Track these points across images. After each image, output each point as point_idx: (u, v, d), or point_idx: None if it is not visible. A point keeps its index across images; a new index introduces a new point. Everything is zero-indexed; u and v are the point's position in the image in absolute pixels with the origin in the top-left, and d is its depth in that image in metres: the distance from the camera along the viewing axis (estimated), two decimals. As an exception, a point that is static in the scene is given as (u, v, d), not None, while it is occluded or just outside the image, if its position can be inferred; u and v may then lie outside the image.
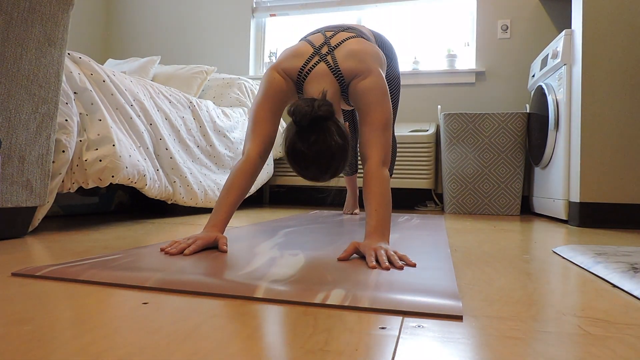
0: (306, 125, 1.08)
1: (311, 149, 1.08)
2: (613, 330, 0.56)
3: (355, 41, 1.31)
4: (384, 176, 1.13)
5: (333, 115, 1.11)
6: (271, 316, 0.58)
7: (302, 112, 1.07)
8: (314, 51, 1.30)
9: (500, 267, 0.96)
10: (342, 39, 1.32)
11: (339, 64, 1.26)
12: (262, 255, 0.99)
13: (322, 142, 1.08)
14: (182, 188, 1.94)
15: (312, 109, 1.07)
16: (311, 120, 1.07)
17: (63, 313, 0.58)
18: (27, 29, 1.20)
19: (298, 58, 1.29)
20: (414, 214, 2.44)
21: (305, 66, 1.28)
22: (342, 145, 1.12)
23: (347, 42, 1.31)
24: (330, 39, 1.33)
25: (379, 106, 1.20)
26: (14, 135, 1.18)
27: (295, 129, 1.11)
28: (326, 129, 1.10)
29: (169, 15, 3.67)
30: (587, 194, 1.96)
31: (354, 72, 1.25)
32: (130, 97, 1.72)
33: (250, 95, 2.93)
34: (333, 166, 1.12)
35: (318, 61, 1.28)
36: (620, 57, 1.95)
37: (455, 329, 0.55)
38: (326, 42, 1.31)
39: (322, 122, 1.09)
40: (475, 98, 3.03)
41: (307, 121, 1.07)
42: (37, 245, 1.13)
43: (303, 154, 1.09)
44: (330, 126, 1.10)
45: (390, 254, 0.92)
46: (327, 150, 1.09)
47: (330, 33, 1.36)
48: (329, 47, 1.30)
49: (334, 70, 1.26)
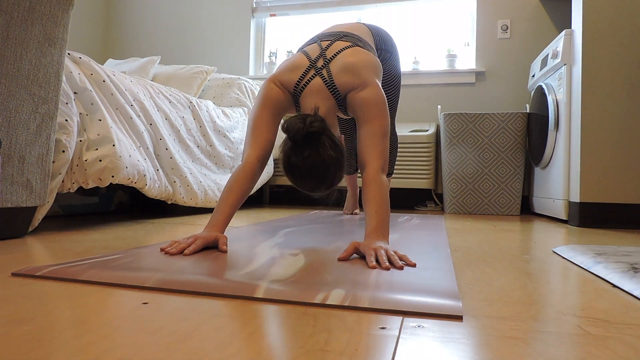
0: (300, 140, 1.11)
1: (305, 162, 1.12)
2: (613, 330, 0.56)
3: (350, 52, 1.32)
4: (383, 182, 1.15)
5: (325, 130, 1.14)
6: (271, 316, 0.58)
7: (295, 129, 1.10)
8: (310, 64, 1.31)
9: (500, 267, 0.96)
10: (338, 50, 1.33)
11: (334, 79, 1.28)
12: (262, 255, 0.99)
13: (316, 156, 1.12)
14: (182, 188, 1.94)
15: (305, 125, 1.11)
16: (304, 136, 1.11)
17: (63, 313, 0.58)
18: (27, 29, 1.20)
19: (294, 72, 1.31)
20: (414, 214, 2.44)
21: (301, 80, 1.30)
22: (336, 158, 1.15)
23: (342, 53, 1.32)
24: (326, 51, 1.34)
25: (377, 117, 1.23)
26: (14, 135, 1.18)
27: (290, 144, 1.14)
28: (319, 143, 1.13)
29: (169, 15, 3.67)
30: (587, 194, 1.96)
31: (350, 85, 1.28)
32: (130, 97, 1.72)
33: (250, 95, 2.93)
34: (328, 179, 1.15)
35: (314, 75, 1.29)
36: (620, 57, 1.95)
37: (455, 329, 0.55)
38: (322, 55, 1.33)
39: (315, 137, 1.12)
40: (475, 98, 3.03)
41: (301, 137, 1.11)
42: (37, 245, 1.13)
43: (298, 168, 1.13)
44: (323, 140, 1.13)
45: (390, 254, 0.92)
46: (321, 163, 1.12)
47: (326, 43, 1.37)
48: (325, 59, 1.31)
49: (329, 85, 1.28)
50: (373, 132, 1.21)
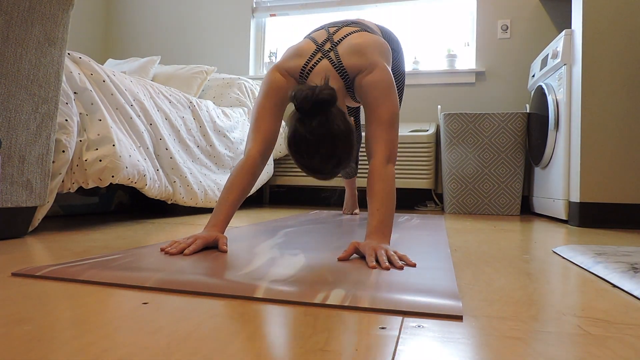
0: (308, 109, 1.05)
1: (313, 133, 1.05)
2: (613, 330, 0.56)
3: (358, 35, 1.29)
4: (389, 174, 1.11)
5: (335, 100, 1.07)
6: (271, 316, 0.58)
7: (302, 95, 1.04)
8: (317, 48, 1.28)
9: (500, 267, 0.96)
10: (345, 34, 1.30)
11: (342, 60, 1.25)
12: (262, 255, 0.99)
13: (325, 127, 1.05)
14: (182, 188, 1.94)
15: (314, 93, 1.04)
16: (313, 104, 1.04)
17: (63, 313, 0.57)
18: (27, 29, 1.20)
19: (300, 57, 1.28)
20: (414, 214, 2.44)
21: (308, 64, 1.26)
22: (346, 132, 1.09)
23: (350, 36, 1.29)
24: (334, 35, 1.31)
25: (386, 100, 1.17)
26: (14, 135, 1.18)
27: (297, 115, 1.08)
28: (329, 113, 1.07)
29: (169, 15, 3.67)
30: (587, 194, 1.96)
31: (358, 67, 1.24)
32: (130, 97, 1.72)
33: (250, 95, 2.93)
34: (336, 155, 1.09)
35: (321, 58, 1.26)
36: (620, 57, 1.95)
37: (455, 329, 0.55)
38: (329, 39, 1.30)
39: (324, 107, 1.06)
40: (475, 98, 3.03)
41: (309, 105, 1.04)
42: (37, 245, 1.13)
43: (305, 140, 1.06)
44: (333, 111, 1.08)
45: (390, 254, 0.92)
46: (330, 134, 1.06)
47: (333, 29, 1.35)
48: (332, 42, 1.28)
49: (337, 67, 1.25)
50: (380, 120, 1.16)
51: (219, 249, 1.03)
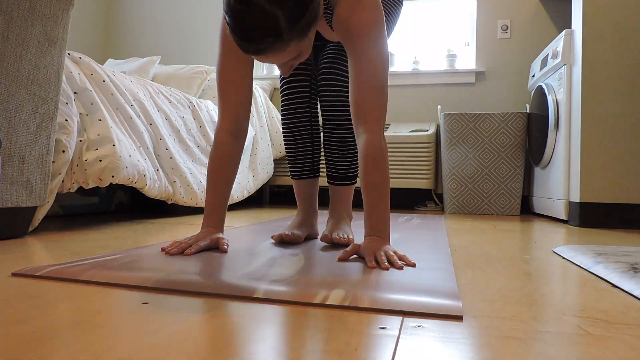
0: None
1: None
2: (613, 330, 0.56)
3: None
4: (383, 154, 0.97)
5: None
6: (271, 316, 0.58)
7: None
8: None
9: (500, 267, 0.96)
10: None
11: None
12: (262, 255, 0.99)
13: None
14: (182, 188, 1.94)
15: None
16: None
17: (63, 313, 0.57)
18: (27, 29, 1.20)
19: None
20: (414, 214, 2.44)
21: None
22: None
23: None
24: None
25: (374, 50, 0.95)
26: (14, 135, 1.18)
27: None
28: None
29: (169, 15, 3.67)
30: (587, 194, 1.96)
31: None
32: (130, 97, 1.72)
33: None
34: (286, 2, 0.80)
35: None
36: (620, 57, 1.95)
37: (455, 329, 0.55)
38: None
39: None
40: (475, 98, 3.03)
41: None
42: (37, 245, 1.13)
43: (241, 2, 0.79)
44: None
45: (389, 254, 0.91)
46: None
47: None
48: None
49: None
50: (369, 79, 0.96)
51: (220, 250, 1.03)
